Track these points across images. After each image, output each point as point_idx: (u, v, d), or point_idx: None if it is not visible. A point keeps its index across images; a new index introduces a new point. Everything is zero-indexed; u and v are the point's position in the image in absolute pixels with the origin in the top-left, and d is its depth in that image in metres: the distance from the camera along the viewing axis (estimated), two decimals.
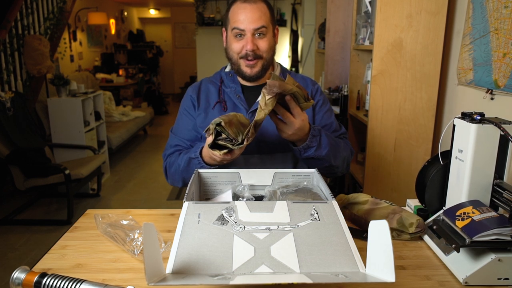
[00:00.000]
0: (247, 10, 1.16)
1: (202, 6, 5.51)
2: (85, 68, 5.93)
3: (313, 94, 1.31)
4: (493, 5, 1.54)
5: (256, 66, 1.21)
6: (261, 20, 1.16)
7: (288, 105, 1.01)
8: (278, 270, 0.67)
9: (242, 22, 1.16)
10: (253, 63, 1.20)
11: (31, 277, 0.70)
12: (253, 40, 1.17)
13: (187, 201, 0.90)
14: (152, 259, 0.63)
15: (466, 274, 0.80)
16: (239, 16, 1.16)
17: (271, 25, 1.21)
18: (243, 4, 1.17)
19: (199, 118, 1.27)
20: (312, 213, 0.84)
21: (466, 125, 0.90)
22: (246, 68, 1.21)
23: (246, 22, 1.15)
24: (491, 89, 1.56)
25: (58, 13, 4.25)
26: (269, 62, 1.24)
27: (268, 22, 1.19)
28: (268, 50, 1.20)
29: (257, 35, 1.18)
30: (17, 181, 2.92)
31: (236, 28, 1.17)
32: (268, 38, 1.20)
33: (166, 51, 9.54)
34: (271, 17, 1.21)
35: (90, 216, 1.12)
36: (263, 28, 1.17)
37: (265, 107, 0.95)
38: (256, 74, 1.22)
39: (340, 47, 3.01)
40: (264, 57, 1.21)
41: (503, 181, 0.91)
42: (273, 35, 1.24)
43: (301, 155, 1.14)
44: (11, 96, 3.08)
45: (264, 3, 1.20)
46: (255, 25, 1.16)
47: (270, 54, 1.22)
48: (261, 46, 1.19)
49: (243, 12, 1.16)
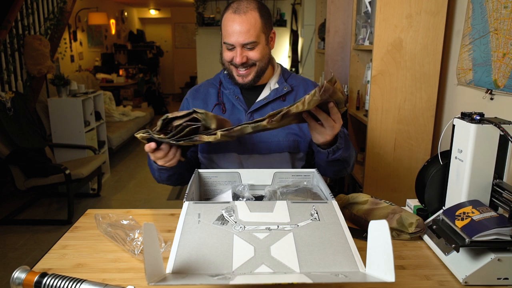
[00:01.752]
0: (236, 23, 1.13)
1: (202, 6, 5.51)
2: (85, 68, 5.93)
3: None
4: (492, 5, 1.54)
5: (249, 75, 1.21)
6: (249, 34, 1.14)
7: (328, 109, 0.98)
8: (278, 270, 0.68)
9: (231, 36, 1.15)
10: (246, 73, 1.20)
11: (32, 277, 0.71)
12: (242, 53, 1.16)
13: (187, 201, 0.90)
14: (152, 259, 0.63)
15: (465, 274, 0.80)
16: (228, 29, 1.15)
17: (263, 34, 1.18)
18: (232, 16, 1.15)
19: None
20: (312, 213, 0.84)
21: (465, 125, 0.91)
22: (238, 77, 1.22)
23: (235, 36, 1.14)
24: (491, 89, 1.56)
25: (59, 14, 4.25)
26: (264, 67, 1.22)
27: (258, 33, 1.16)
28: (260, 58, 1.19)
29: (247, 48, 1.17)
30: (18, 181, 2.93)
31: (226, 43, 1.17)
32: (260, 48, 1.18)
33: (166, 51, 9.54)
34: (264, 25, 1.18)
35: (90, 216, 1.12)
36: (252, 43, 1.15)
37: (307, 105, 0.90)
38: (248, 82, 1.22)
39: (340, 47, 3.01)
40: (257, 64, 1.20)
41: (502, 181, 0.91)
42: (267, 43, 1.21)
43: (328, 158, 1.11)
44: (12, 96, 3.08)
45: (256, 11, 1.15)
46: (244, 40, 1.14)
47: (264, 60, 1.21)
48: (252, 56, 1.18)
49: (232, 25, 1.14)
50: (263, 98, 1.26)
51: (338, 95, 0.93)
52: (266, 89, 1.28)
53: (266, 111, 1.25)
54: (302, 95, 1.29)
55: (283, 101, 1.27)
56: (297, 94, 1.29)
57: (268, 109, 1.25)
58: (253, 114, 1.25)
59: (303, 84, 1.32)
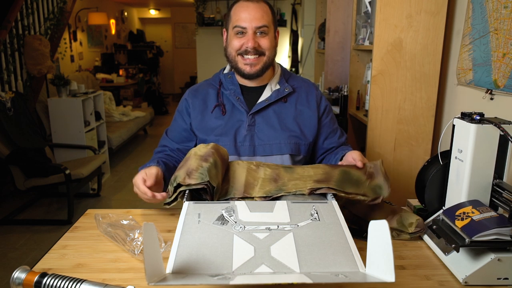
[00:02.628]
0: (250, 8, 1.17)
1: (202, 6, 5.51)
2: (85, 68, 5.93)
3: (318, 100, 1.31)
4: (492, 5, 1.54)
5: (257, 64, 1.21)
6: (263, 19, 1.17)
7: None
8: (278, 270, 0.68)
9: (244, 20, 1.17)
10: (255, 61, 1.20)
11: (32, 277, 0.71)
12: (254, 37, 1.18)
13: (187, 201, 0.90)
14: (152, 259, 0.63)
15: (465, 274, 0.80)
16: (241, 14, 1.17)
17: (272, 26, 1.22)
18: (246, 3, 1.19)
19: (195, 120, 1.27)
20: (312, 213, 0.84)
21: (465, 125, 0.90)
22: (245, 66, 1.21)
23: (248, 20, 1.16)
24: (491, 89, 1.56)
25: (59, 14, 4.25)
26: (271, 60, 1.24)
27: (270, 22, 1.20)
28: (270, 48, 1.21)
29: (259, 34, 1.19)
30: (18, 181, 2.93)
31: (238, 26, 1.18)
32: (270, 37, 1.21)
33: (166, 51, 9.54)
34: (273, 18, 1.23)
35: (90, 216, 1.12)
36: (265, 27, 1.18)
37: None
38: (256, 72, 1.21)
39: (340, 47, 3.01)
40: (266, 54, 1.21)
41: (502, 181, 0.91)
42: (274, 37, 1.25)
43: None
44: (12, 96, 3.08)
45: (266, 4, 1.21)
46: (257, 23, 1.17)
47: (272, 52, 1.23)
48: (263, 43, 1.20)
49: (246, 10, 1.17)
50: (265, 99, 1.25)
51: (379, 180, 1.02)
52: (267, 90, 1.27)
53: (267, 112, 1.24)
54: (304, 98, 1.29)
55: (284, 102, 1.27)
56: (299, 96, 1.29)
57: (270, 111, 1.25)
58: (255, 116, 1.24)
59: (305, 87, 1.31)
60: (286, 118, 1.25)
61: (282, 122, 1.24)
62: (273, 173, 1.03)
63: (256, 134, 1.23)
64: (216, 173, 0.96)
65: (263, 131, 1.22)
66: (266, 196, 0.97)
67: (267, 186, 0.99)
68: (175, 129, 1.32)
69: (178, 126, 1.31)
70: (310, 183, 0.97)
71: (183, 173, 0.96)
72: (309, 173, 1.01)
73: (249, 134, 1.22)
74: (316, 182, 0.96)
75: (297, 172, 1.03)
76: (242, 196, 0.97)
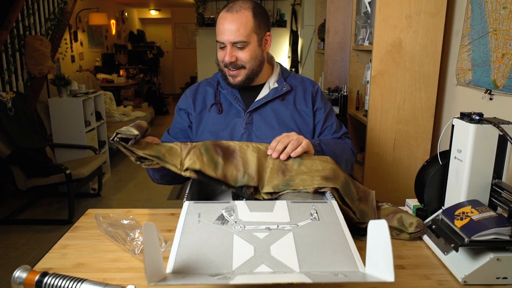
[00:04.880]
0: (227, 21, 1.15)
1: (202, 6, 5.51)
2: (86, 69, 5.94)
3: (313, 95, 1.31)
4: (491, 6, 1.55)
5: (238, 76, 1.21)
6: (238, 33, 1.14)
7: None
8: (278, 270, 0.68)
9: (222, 33, 1.16)
10: (235, 73, 1.20)
11: (33, 276, 0.71)
12: (232, 52, 1.17)
13: (187, 200, 0.90)
14: (153, 259, 0.63)
15: (465, 274, 0.81)
16: (219, 27, 1.17)
17: (254, 35, 1.17)
18: (225, 14, 1.16)
19: (195, 121, 1.28)
20: (311, 212, 0.85)
21: (465, 125, 0.91)
22: (229, 77, 1.22)
23: (225, 35, 1.15)
24: (490, 90, 1.57)
25: (59, 14, 4.25)
26: (255, 69, 1.22)
27: (249, 33, 1.16)
28: (250, 60, 1.19)
29: (237, 47, 1.17)
30: (18, 181, 2.93)
31: (217, 41, 1.19)
32: (250, 49, 1.18)
33: (167, 51, 9.54)
34: (257, 25, 1.17)
35: (91, 215, 1.13)
36: (241, 42, 1.16)
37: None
38: (238, 83, 1.22)
39: (340, 47, 3.02)
40: (247, 67, 1.20)
41: (501, 181, 0.91)
42: (259, 44, 1.20)
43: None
44: (12, 97, 3.08)
45: (249, 11, 1.16)
46: (233, 39, 1.15)
47: (254, 63, 1.20)
48: (241, 57, 1.18)
49: (224, 23, 1.15)
50: (262, 97, 1.25)
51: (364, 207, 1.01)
52: (265, 88, 1.27)
53: (265, 110, 1.25)
54: (301, 95, 1.29)
55: (282, 100, 1.27)
56: (296, 94, 1.29)
57: (267, 109, 1.25)
58: (252, 114, 1.25)
59: (301, 84, 1.32)
60: (284, 116, 1.25)
61: (279, 120, 1.24)
62: (281, 163, 1.03)
63: (254, 132, 1.23)
64: (140, 130, 0.97)
65: (261, 129, 1.23)
66: (274, 192, 0.97)
67: (275, 179, 0.99)
68: (176, 126, 1.32)
69: (179, 123, 1.32)
70: (318, 179, 0.96)
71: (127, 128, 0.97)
72: (317, 168, 1.01)
73: (246, 132, 1.23)
74: (323, 179, 0.96)
75: (305, 164, 1.02)
76: (255, 186, 0.97)
